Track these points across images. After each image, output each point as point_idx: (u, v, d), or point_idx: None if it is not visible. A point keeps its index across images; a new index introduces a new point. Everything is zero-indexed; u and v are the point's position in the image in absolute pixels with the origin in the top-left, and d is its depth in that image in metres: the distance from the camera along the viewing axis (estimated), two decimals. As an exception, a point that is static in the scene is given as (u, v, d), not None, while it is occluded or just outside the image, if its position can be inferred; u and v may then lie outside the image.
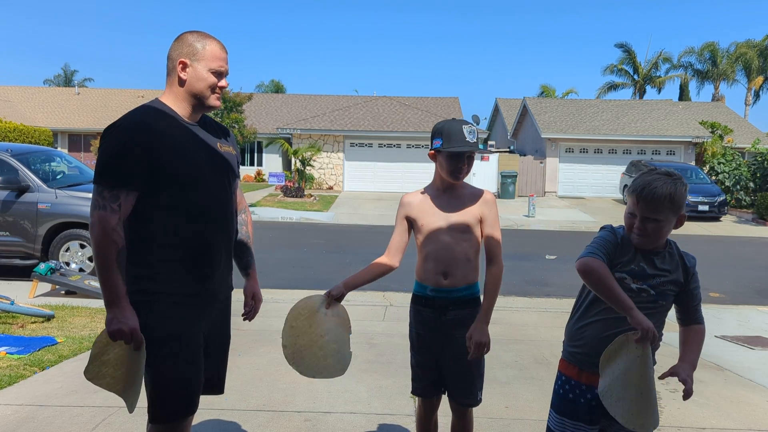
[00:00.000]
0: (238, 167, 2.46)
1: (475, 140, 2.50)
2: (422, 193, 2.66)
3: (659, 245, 2.17)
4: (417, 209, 2.61)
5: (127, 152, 2.08)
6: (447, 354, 2.56)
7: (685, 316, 2.22)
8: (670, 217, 2.10)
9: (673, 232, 2.15)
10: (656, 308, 2.15)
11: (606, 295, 2.05)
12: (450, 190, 2.59)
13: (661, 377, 2.11)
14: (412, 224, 2.64)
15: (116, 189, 2.08)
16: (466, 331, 2.50)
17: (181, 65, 2.20)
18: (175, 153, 2.14)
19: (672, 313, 2.25)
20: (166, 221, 2.16)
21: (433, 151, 2.58)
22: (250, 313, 2.56)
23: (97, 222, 2.06)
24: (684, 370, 2.11)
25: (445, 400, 2.71)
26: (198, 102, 2.25)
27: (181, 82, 2.22)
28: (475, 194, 2.59)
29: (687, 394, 2.09)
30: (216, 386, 2.44)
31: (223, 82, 2.26)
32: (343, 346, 2.49)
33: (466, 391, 2.60)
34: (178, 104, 2.24)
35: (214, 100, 2.26)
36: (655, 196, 2.06)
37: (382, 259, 2.66)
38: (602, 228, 2.25)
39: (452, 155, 2.50)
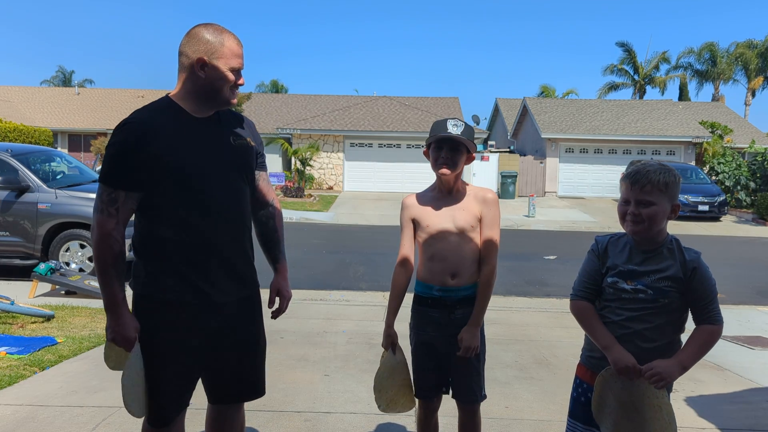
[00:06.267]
0: (259, 157, 2.36)
1: (459, 132, 2.50)
2: (424, 193, 2.67)
3: (655, 238, 2.10)
4: (420, 210, 2.61)
5: (126, 152, 2.04)
6: (454, 353, 2.55)
7: (694, 316, 2.10)
8: (663, 203, 2.05)
9: (674, 232, 2.14)
10: (658, 307, 2.06)
11: (588, 333, 2.17)
12: (452, 189, 2.59)
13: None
14: (416, 225, 2.63)
15: (116, 190, 2.06)
16: None
17: (199, 63, 2.10)
18: (176, 151, 2.07)
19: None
20: (168, 221, 2.11)
21: (425, 149, 2.63)
22: (276, 311, 2.44)
23: (96, 226, 2.08)
24: (661, 364, 2.00)
25: (448, 400, 2.70)
26: (214, 100, 2.17)
27: (198, 80, 2.12)
28: (477, 194, 2.60)
29: (649, 374, 1.99)
30: (250, 390, 2.36)
31: (240, 80, 2.18)
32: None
33: (474, 388, 2.60)
34: (190, 101, 2.15)
35: (231, 98, 2.18)
36: (650, 178, 2.05)
37: (400, 274, 2.66)
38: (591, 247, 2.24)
39: (434, 147, 2.55)
